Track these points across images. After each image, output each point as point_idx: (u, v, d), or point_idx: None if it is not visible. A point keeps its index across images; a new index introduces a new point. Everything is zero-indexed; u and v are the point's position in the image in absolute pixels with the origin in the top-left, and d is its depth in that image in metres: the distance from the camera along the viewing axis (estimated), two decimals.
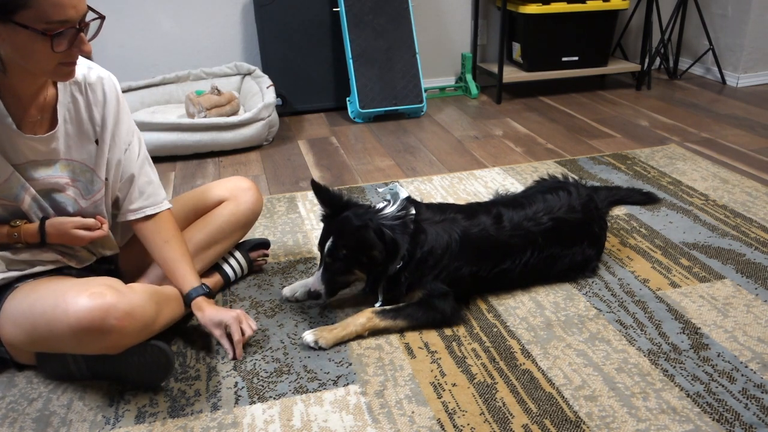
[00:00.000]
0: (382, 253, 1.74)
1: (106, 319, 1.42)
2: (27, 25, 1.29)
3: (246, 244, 2.10)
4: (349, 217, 1.79)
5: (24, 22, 1.28)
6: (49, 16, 1.29)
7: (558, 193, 2.01)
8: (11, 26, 1.29)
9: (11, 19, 1.28)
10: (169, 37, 3.78)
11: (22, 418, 1.54)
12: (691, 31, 4.35)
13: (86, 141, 1.61)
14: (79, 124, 1.59)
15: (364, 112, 3.65)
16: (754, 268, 2.06)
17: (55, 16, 1.30)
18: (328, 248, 1.78)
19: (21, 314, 1.50)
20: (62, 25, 1.31)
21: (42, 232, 1.57)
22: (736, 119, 3.53)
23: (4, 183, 1.50)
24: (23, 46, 1.33)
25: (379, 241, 1.72)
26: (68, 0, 1.30)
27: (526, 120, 3.68)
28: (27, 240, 1.57)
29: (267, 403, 1.56)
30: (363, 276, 1.83)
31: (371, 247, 1.73)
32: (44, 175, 1.56)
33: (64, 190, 1.59)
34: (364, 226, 1.73)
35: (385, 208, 1.82)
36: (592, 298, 1.93)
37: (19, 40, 1.32)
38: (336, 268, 1.81)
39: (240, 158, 3.21)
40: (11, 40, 1.32)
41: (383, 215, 1.79)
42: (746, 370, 1.61)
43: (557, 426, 1.46)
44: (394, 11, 3.68)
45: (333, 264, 1.80)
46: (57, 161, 1.57)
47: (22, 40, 1.31)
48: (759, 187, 2.64)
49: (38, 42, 1.32)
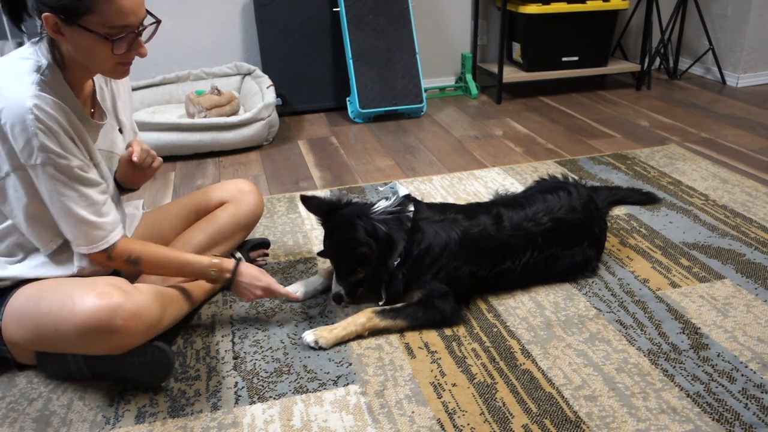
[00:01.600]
0: (372, 250, 1.75)
1: (112, 319, 1.42)
2: (91, 29, 1.36)
3: (246, 244, 2.10)
4: (343, 216, 1.81)
5: (88, 25, 1.35)
6: (113, 22, 1.37)
7: (558, 194, 2.01)
8: (76, 29, 1.36)
9: (76, 22, 1.35)
10: (169, 37, 3.78)
11: (22, 418, 1.54)
12: (691, 31, 4.35)
13: (111, 129, 1.68)
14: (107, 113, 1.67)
15: (364, 112, 3.65)
16: (754, 268, 2.06)
17: (117, 21, 1.37)
18: (328, 253, 1.82)
19: (26, 313, 1.51)
20: (123, 30, 1.39)
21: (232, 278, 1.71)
22: (736, 119, 3.53)
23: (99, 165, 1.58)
24: (85, 47, 1.40)
25: (369, 238, 1.74)
26: (130, 7, 1.37)
27: (526, 120, 3.68)
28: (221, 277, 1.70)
29: (267, 403, 1.56)
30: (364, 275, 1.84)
31: (358, 245, 1.74)
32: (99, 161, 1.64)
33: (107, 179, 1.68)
34: (351, 225, 1.76)
35: (379, 204, 1.84)
36: (592, 298, 1.93)
37: (82, 42, 1.38)
38: (343, 270, 1.84)
39: (240, 158, 3.21)
40: (74, 41, 1.39)
41: (375, 211, 1.81)
42: (746, 370, 1.61)
43: (557, 426, 1.46)
44: (394, 11, 3.68)
45: (339, 265, 1.84)
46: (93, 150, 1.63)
47: (84, 42, 1.38)
48: (759, 187, 2.64)
49: (100, 44, 1.39)
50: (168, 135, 3.11)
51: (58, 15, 1.34)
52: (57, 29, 1.36)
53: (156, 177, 2.99)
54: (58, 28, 1.36)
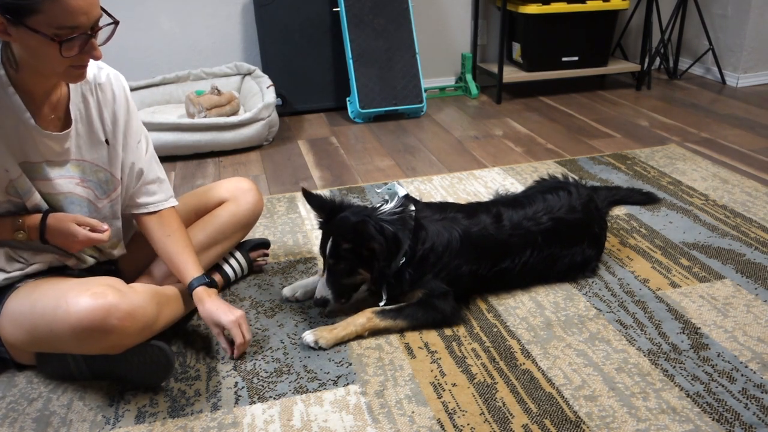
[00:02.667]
0: (382, 246, 1.72)
1: (107, 318, 1.42)
2: (38, 30, 1.30)
3: (246, 244, 2.10)
4: (346, 216, 1.79)
5: (35, 26, 1.30)
6: (60, 22, 1.31)
7: (558, 193, 2.01)
8: (23, 29, 1.31)
9: (23, 23, 1.30)
10: (169, 37, 3.78)
11: (22, 418, 1.54)
12: (691, 31, 4.35)
13: (96, 141, 1.62)
14: (89, 123, 1.60)
15: (364, 112, 3.65)
16: (754, 268, 2.06)
17: (65, 22, 1.31)
18: (330, 249, 1.77)
19: (22, 314, 1.50)
20: (72, 31, 1.33)
21: (43, 223, 1.54)
22: (736, 119, 3.53)
23: (15, 180, 1.50)
24: (34, 49, 1.35)
25: (379, 235, 1.72)
26: (79, 7, 1.31)
27: (526, 120, 3.68)
28: (29, 232, 1.54)
29: (267, 403, 1.56)
30: (368, 275, 1.82)
31: (370, 239, 1.72)
32: (57, 174, 1.56)
33: (75, 191, 1.59)
34: (362, 221, 1.74)
35: (382, 206, 1.83)
36: (592, 298, 1.93)
37: (30, 43, 1.34)
38: (340, 270, 1.80)
39: (240, 158, 3.21)
40: (22, 42, 1.35)
41: (381, 212, 1.79)
42: (746, 370, 1.61)
43: (557, 426, 1.46)
44: (394, 11, 3.68)
45: (336, 265, 1.79)
46: (68, 161, 1.57)
47: (32, 43, 1.34)
48: (759, 187, 2.64)
49: (48, 46, 1.33)
50: (168, 135, 3.11)
51: (3, 15, 1.29)
52: (3, 29, 1.32)
53: None
54: (4, 28, 1.32)
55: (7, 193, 1.51)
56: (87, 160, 1.61)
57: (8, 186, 1.51)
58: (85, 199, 1.61)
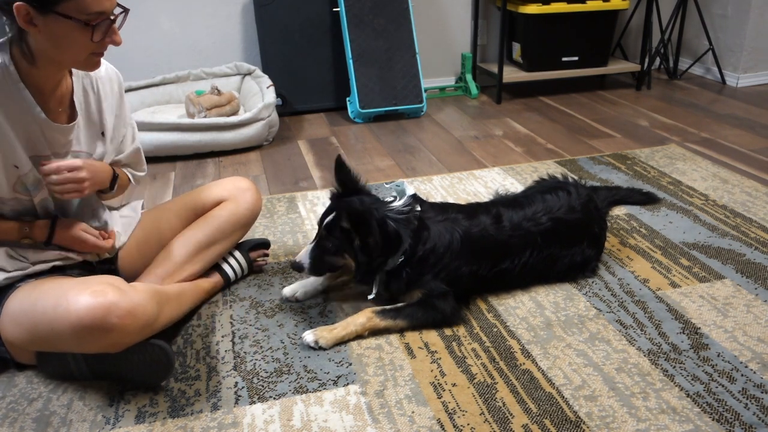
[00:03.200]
0: (376, 243, 1.74)
1: (107, 317, 1.42)
2: (70, 15, 1.34)
3: (246, 244, 2.10)
4: (357, 201, 1.81)
5: (67, 12, 1.34)
6: (90, 8, 1.36)
7: (557, 194, 2.01)
8: (53, 16, 1.35)
9: (54, 10, 1.34)
10: (169, 37, 3.78)
11: (22, 418, 1.54)
12: (691, 31, 4.35)
13: (93, 133, 1.66)
14: (88, 116, 1.64)
15: (364, 112, 3.65)
16: (754, 268, 2.06)
17: (94, 7, 1.37)
18: (328, 222, 1.80)
19: (22, 313, 1.51)
20: (100, 16, 1.39)
21: (52, 228, 1.60)
22: (736, 119, 3.53)
23: (24, 176, 1.53)
24: (62, 36, 1.38)
25: (379, 231, 1.73)
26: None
27: (526, 120, 3.68)
28: (35, 235, 1.59)
29: (267, 403, 1.56)
30: (351, 263, 1.82)
31: (368, 232, 1.73)
32: None
33: None
34: (369, 211, 1.75)
35: (392, 202, 1.85)
36: (592, 298, 1.93)
37: (59, 30, 1.37)
38: (327, 246, 1.81)
39: (240, 158, 3.21)
40: (49, 30, 1.37)
41: (390, 208, 1.81)
42: (746, 370, 1.61)
43: (557, 426, 1.46)
44: (394, 11, 3.68)
45: (326, 239, 1.81)
46: (69, 153, 1.61)
47: (61, 30, 1.37)
48: (759, 187, 2.64)
49: (77, 31, 1.38)
50: (168, 135, 3.11)
51: (31, 4, 1.32)
52: (29, 19, 1.35)
53: (156, 177, 2.99)
54: (30, 18, 1.34)
55: (14, 191, 1.53)
56: (84, 150, 1.64)
57: (16, 183, 1.53)
58: None
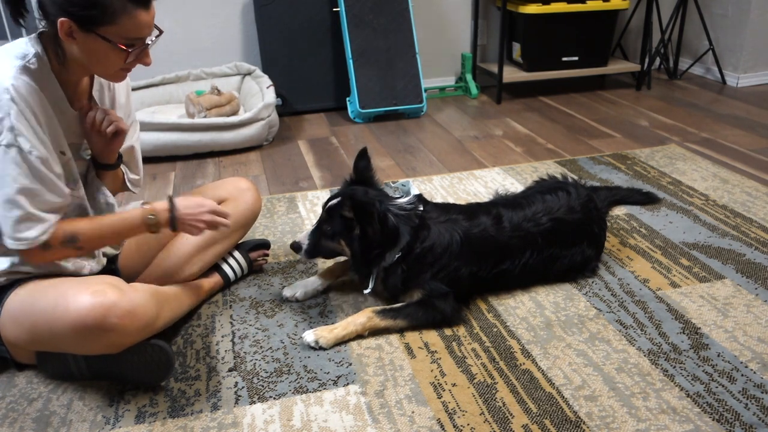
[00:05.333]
0: (376, 235, 1.76)
1: (107, 317, 1.42)
2: (109, 39, 1.40)
3: (246, 245, 2.10)
4: (363, 191, 1.84)
5: (106, 35, 1.39)
6: (130, 34, 1.41)
7: (557, 194, 2.01)
8: (92, 36, 1.39)
9: (94, 31, 1.38)
10: (169, 37, 3.75)
11: (22, 418, 1.54)
12: (691, 31, 4.35)
13: None
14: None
15: (364, 112, 3.65)
16: (754, 268, 2.06)
17: (134, 34, 1.42)
18: (330, 206, 1.83)
19: (22, 313, 1.51)
20: (138, 41, 1.44)
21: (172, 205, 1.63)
22: (736, 119, 3.53)
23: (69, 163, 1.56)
24: (96, 52, 1.43)
25: (379, 223, 1.75)
26: (147, 22, 1.43)
27: (526, 120, 3.68)
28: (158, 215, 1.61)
29: (267, 403, 1.56)
30: (347, 251, 1.85)
31: (369, 223, 1.75)
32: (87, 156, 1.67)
33: None
34: (371, 202, 1.77)
35: (397, 199, 1.88)
36: (592, 298, 1.93)
37: (96, 48, 1.42)
38: (326, 230, 1.84)
39: (240, 158, 3.21)
40: (87, 46, 1.42)
41: (393, 203, 1.84)
42: (746, 370, 1.61)
43: (557, 426, 1.46)
44: (394, 11, 3.68)
45: (326, 223, 1.84)
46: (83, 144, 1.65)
47: (98, 49, 1.42)
48: (759, 187, 2.64)
49: (113, 52, 1.43)
50: (168, 135, 3.11)
51: (75, 21, 1.36)
52: (70, 33, 1.38)
53: (156, 177, 2.99)
54: (71, 32, 1.38)
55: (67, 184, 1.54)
56: None
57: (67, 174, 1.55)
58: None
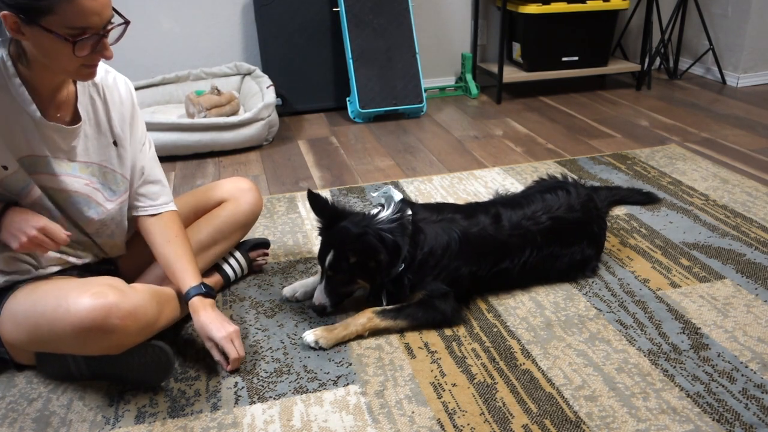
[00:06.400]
0: (386, 256, 1.73)
1: (108, 318, 1.42)
2: (51, 30, 1.32)
3: (246, 244, 2.10)
4: (347, 227, 1.77)
5: (49, 26, 1.32)
6: (73, 23, 1.33)
7: (557, 193, 2.01)
8: (37, 29, 1.33)
9: (37, 23, 1.32)
10: (169, 37, 3.77)
11: (22, 418, 1.54)
12: (691, 31, 4.35)
13: (104, 142, 1.63)
14: (97, 125, 1.61)
15: (364, 112, 3.65)
16: (754, 268, 2.06)
17: (78, 22, 1.33)
18: (330, 261, 1.76)
19: (22, 314, 1.50)
20: (85, 31, 1.35)
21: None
22: (736, 119, 3.53)
23: (11, 176, 1.49)
24: (47, 48, 1.37)
25: (381, 245, 1.72)
26: (92, 8, 1.33)
27: (526, 120, 3.68)
28: None
29: (267, 403, 1.56)
30: (366, 285, 1.82)
31: (376, 252, 1.72)
32: (64, 172, 1.56)
33: (82, 190, 1.59)
34: (364, 232, 1.73)
35: (379, 213, 1.81)
36: (592, 298, 1.93)
37: (43, 42, 1.36)
38: (339, 280, 1.80)
39: (240, 158, 3.21)
40: (35, 41, 1.36)
41: (379, 220, 1.78)
42: (746, 370, 1.61)
43: (557, 426, 1.46)
44: (394, 11, 3.68)
45: (335, 276, 1.79)
46: (75, 162, 1.57)
47: (45, 43, 1.36)
48: (759, 187, 2.64)
49: (61, 45, 1.35)
50: (168, 135, 3.10)
51: (17, 14, 1.31)
52: (17, 28, 1.34)
53: None
54: (18, 27, 1.33)
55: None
56: (95, 162, 1.61)
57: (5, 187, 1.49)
58: (92, 200, 1.61)
